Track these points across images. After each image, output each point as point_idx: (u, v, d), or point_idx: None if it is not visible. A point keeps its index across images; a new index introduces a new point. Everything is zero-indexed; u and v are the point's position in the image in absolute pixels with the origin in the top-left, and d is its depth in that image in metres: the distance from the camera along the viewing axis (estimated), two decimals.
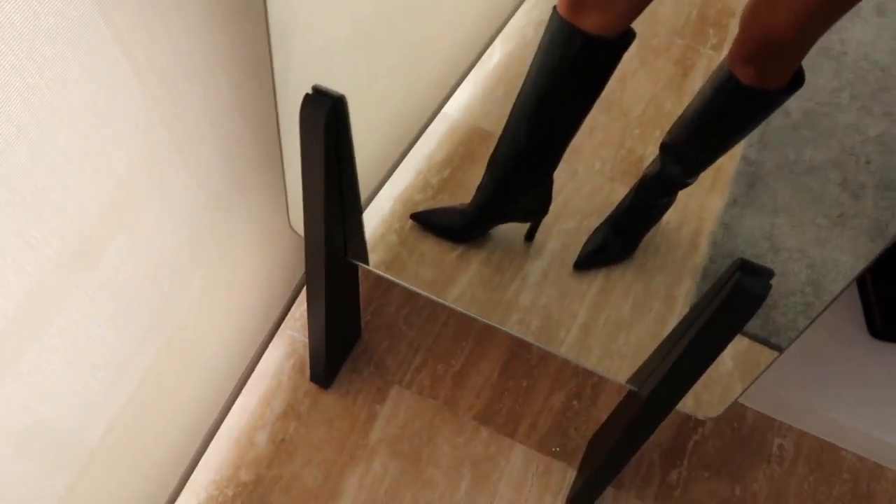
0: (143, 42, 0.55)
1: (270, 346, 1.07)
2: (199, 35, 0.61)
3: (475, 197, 0.96)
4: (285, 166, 0.76)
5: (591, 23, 0.68)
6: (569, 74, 0.75)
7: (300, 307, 1.10)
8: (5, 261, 0.49)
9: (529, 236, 1.01)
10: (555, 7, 0.72)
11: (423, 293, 0.94)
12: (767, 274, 0.58)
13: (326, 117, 0.64)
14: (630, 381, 0.82)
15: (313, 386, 1.04)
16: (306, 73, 0.68)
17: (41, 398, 0.58)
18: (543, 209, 0.95)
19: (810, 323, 0.75)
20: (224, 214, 0.78)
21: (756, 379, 0.82)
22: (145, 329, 0.71)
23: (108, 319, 0.64)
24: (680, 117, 0.86)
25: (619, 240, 1.00)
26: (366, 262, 0.92)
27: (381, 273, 0.98)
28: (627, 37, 0.70)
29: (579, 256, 0.99)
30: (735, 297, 0.58)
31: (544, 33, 0.74)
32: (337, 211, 0.77)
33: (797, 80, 0.71)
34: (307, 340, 1.08)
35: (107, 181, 0.57)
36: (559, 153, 0.88)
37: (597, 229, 1.00)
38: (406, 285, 0.94)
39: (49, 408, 0.60)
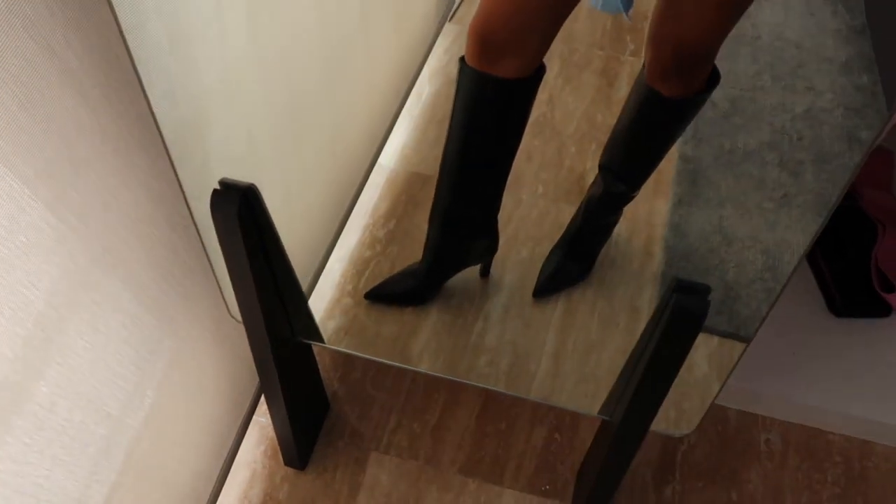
0: (51, 179, 0.52)
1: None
2: (108, 158, 0.59)
3: (424, 254, 0.94)
4: (212, 259, 0.74)
5: (505, 69, 0.67)
6: (491, 119, 0.74)
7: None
8: None
9: (484, 272, 1.00)
10: (462, 58, 0.71)
11: (386, 362, 0.92)
12: (704, 290, 0.57)
13: (238, 209, 0.62)
14: (601, 411, 0.81)
15: (289, 470, 1.01)
16: (214, 168, 0.66)
17: None
18: (493, 248, 0.94)
19: (771, 307, 0.75)
20: (168, 323, 0.75)
21: (730, 374, 0.80)
22: (98, 457, 0.68)
23: (52, 458, 0.61)
24: (612, 136, 0.86)
25: (573, 262, 0.99)
26: (317, 338, 0.90)
27: (335, 348, 0.95)
28: (540, 71, 0.70)
29: (537, 284, 0.98)
30: (676, 319, 0.57)
31: (457, 85, 0.73)
32: (272, 295, 0.75)
33: (713, 77, 0.72)
34: None
35: (25, 319, 0.54)
36: (499, 194, 0.87)
37: (550, 254, 1.00)
38: (364, 356, 0.92)
39: None
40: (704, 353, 0.99)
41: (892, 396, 0.99)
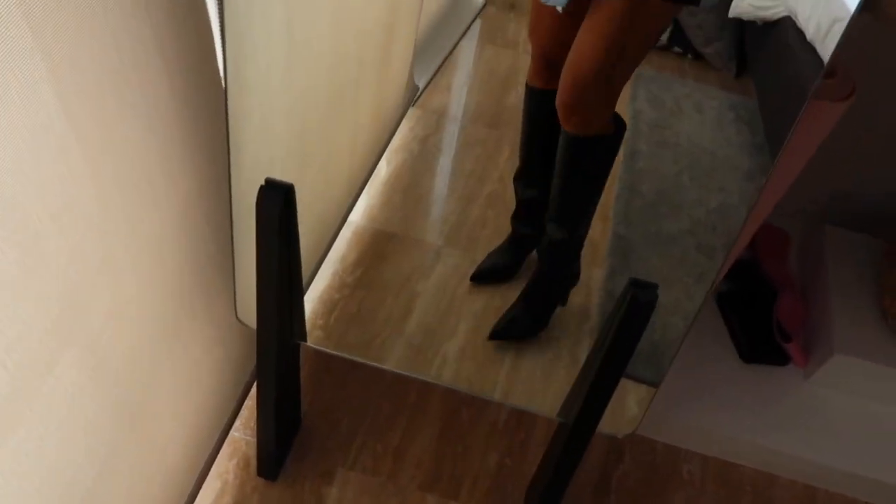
0: (105, 151, 0.64)
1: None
2: (161, 141, 0.72)
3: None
4: (235, 258, 0.85)
5: (552, 81, 0.87)
6: (550, 119, 0.92)
7: (242, 407, 1.15)
8: None
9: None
10: (527, 84, 0.95)
11: (361, 360, 1.02)
12: (653, 286, 0.73)
13: (280, 205, 0.75)
14: (559, 414, 0.94)
15: (260, 481, 1.08)
16: (255, 172, 0.79)
17: None
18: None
19: (673, 357, 0.92)
20: (175, 318, 0.84)
21: (649, 405, 0.96)
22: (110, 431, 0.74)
23: (92, 397, 0.69)
24: (550, 192, 1.03)
25: (529, 314, 1.12)
26: (307, 340, 1.00)
27: (325, 349, 1.05)
28: None
29: (493, 329, 1.11)
30: (632, 308, 0.73)
31: (526, 108, 0.98)
32: (286, 294, 0.86)
33: (620, 126, 0.90)
34: (249, 437, 1.12)
35: (95, 268, 0.63)
36: None
37: (511, 306, 1.14)
38: (348, 356, 1.03)
39: None
40: (635, 398, 1.14)
41: (790, 431, 1.17)
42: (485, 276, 1.16)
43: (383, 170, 1.42)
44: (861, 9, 0.54)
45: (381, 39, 1.16)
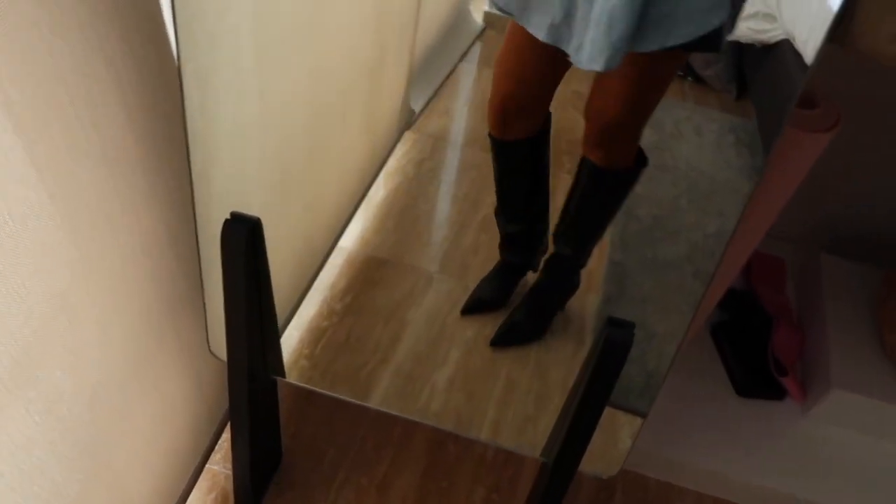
0: (65, 185, 0.62)
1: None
2: (123, 179, 0.70)
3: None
4: (205, 291, 0.83)
5: (521, 132, 0.91)
6: (522, 168, 0.98)
7: (221, 440, 1.12)
8: None
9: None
10: (489, 134, 0.94)
11: (344, 398, 1.00)
12: (630, 325, 0.71)
13: (246, 239, 0.73)
14: (542, 453, 0.91)
15: None
16: (224, 204, 0.78)
17: None
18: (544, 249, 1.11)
19: (660, 386, 0.89)
20: (150, 350, 0.83)
21: (636, 439, 0.93)
22: (77, 456, 0.73)
23: (50, 444, 0.67)
24: (562, 208, 1.03)
25: (530, 321, 1.12)
26: (283, 374, 0.98)
27: (302, 384, 1.03)
28: (547, 123, 0.92)
29: (495, 336, 1.10)
30: (607, 348, 0.70)
31: (494, 157, 0.97)
32: (256, 329, 0.84)
33: (641, 161, 0.89)
34: (228, 472, 1.09)
35: (53, 306, 0.62)
36: (539, 217, 1.07)
37: (511, 313, 1.12)
38: (327, 393, 1.00)
39: None
40: (628, 430, 1.11)
41: (788, 469, 1.12)
42: (475, 308, 1.14)
43: (377, 193, 1.41)
44: (829, 40, 0.51)
45: (371, 64, 1.15)
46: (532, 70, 0.85)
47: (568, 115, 1.42)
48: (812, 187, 1.13)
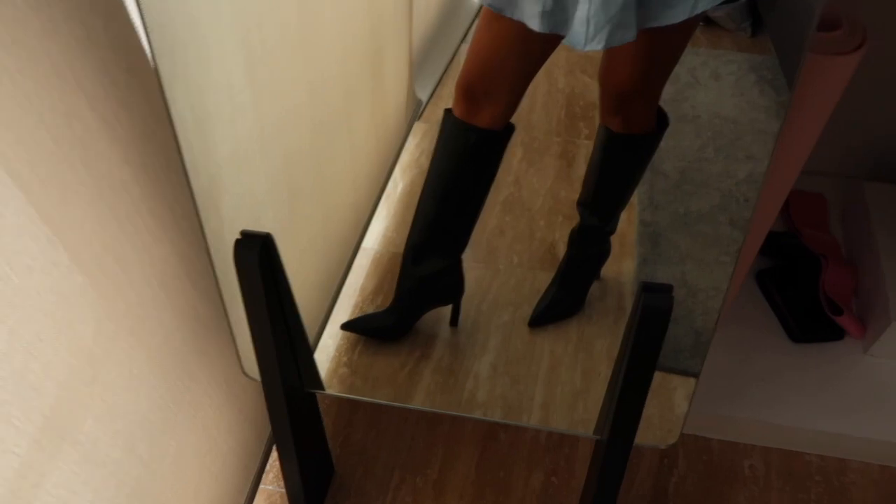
0: (77, 231, 0.61)
1: None
2: (137, 216, 0.68)
3: (395, 294, 1.03)
4: (228, 313, 0.81)
5: (482, 119, 0.81)
6: (467, 164, 0.86)
7: (272, 459, 1.11)
8: None
9: (454, 321, 1.08)
10: (448, 109, 0.84)
11: (386, 403, 0.98)
12: (667, 288, 0.67)
13: (259, 256, 0.71)
14: (595, 431, 0.88)
15: None
16: (235, 226, 0.76)
17: None
18: (459, 290, 1.03)
19: (708, 347, 0.85)
20: (189, 379, 0.82)
21: (691, 401, 0.89)
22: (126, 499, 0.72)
23: (94, 492, 0.66)
24: (585, 176, 0.99)
25: (566, 295, 1.08)
26: (323, 389, 0.96)
27: (341, 395, 1.02)
28: (509, 129, 0.83)
29: (532, 315, 1.06)
30: (645, 315, 0.67)
31: (440, 132, 0.86)
32: (285, 344, 0.82)
33: (662, 122, 0.84)
34: (283, 490, 1.08)
35: (77, 356, 0.61)
36: (467, 234, 0.98)
37: (546, 290, 1.09)
38: (369, 400, 0.99)
39: None
40: (683, 393, 1.07)
41: (855, 411, 1.07)
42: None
43: (395, 190, 1.38)
44: None
45: (369, 62, 1.12)
46: (507, 50, 0.78)
47: (577, 80, 1.37)
48: (845, 114, 1.07)
